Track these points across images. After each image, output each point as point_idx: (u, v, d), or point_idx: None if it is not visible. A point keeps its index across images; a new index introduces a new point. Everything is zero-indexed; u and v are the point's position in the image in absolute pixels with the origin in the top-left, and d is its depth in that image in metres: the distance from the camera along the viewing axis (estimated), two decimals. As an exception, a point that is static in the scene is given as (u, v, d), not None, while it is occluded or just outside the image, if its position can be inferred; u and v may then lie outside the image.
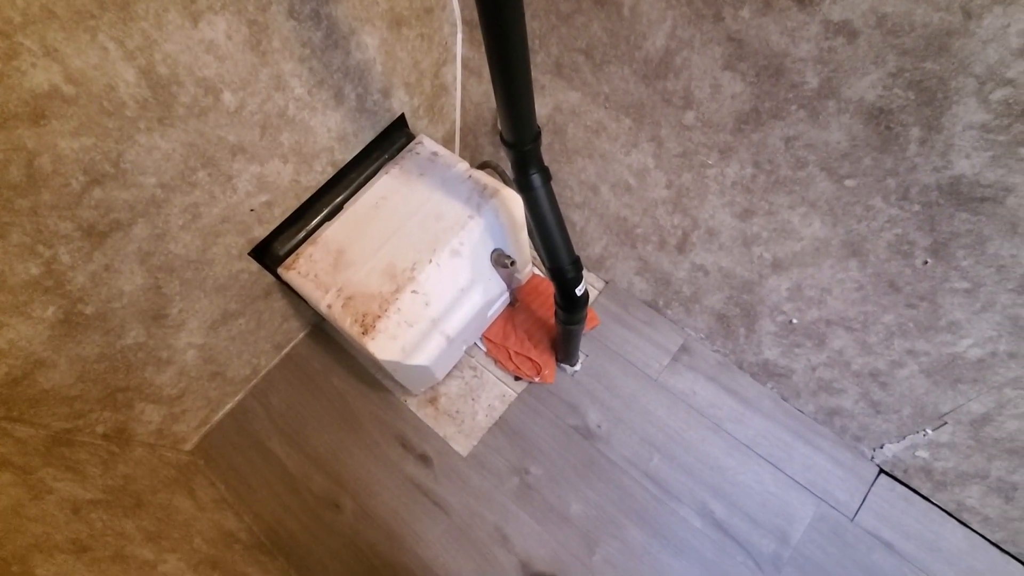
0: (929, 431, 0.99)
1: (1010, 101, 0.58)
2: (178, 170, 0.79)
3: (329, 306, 0.95)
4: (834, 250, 0.86)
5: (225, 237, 0.94)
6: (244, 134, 0.84)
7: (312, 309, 1.09)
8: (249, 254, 1.01)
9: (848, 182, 0.76)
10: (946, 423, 0.95)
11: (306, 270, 0.98)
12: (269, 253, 1.02)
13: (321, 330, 1.35)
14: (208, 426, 1.25)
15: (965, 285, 0.76)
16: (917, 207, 0.72)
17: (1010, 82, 0.57)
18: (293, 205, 1.01)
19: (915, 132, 0.65)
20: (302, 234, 1.03)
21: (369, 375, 1.30)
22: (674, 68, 0.81)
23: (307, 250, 1.00)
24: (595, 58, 0.89)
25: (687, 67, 0.79)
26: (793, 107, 0.73)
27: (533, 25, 0.92)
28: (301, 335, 1.34)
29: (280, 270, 1.00)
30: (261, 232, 0.99)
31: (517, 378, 1.27)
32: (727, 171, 0.89)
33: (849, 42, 0.63)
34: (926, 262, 0.77)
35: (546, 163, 0.78)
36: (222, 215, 0.90)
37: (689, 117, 0.86)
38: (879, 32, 0.60)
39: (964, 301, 0.77)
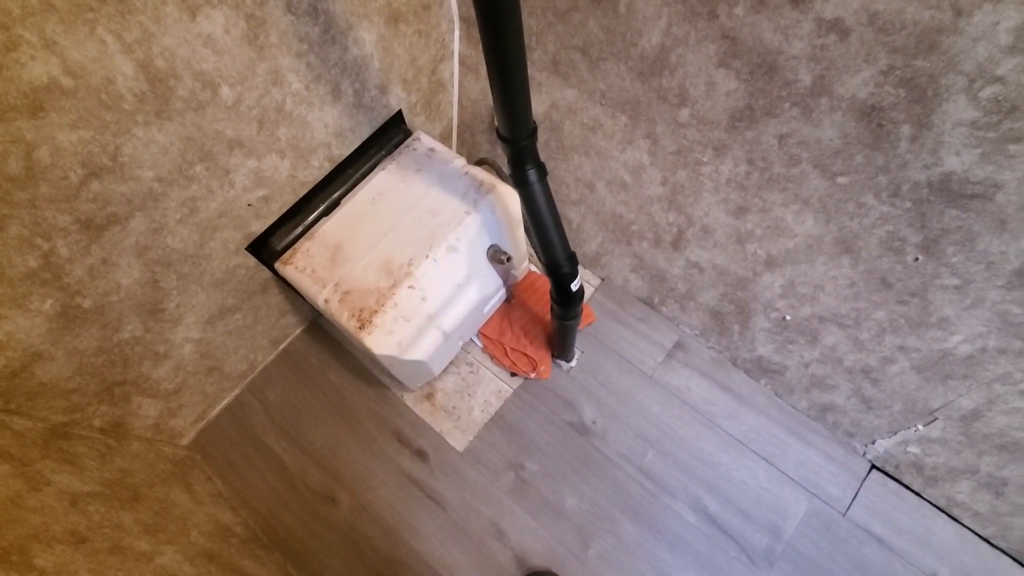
0: (920, 427, 1.00)
1: (999, 98, 0.59)
2: (175, 164, 0.80)
3: (326, 301, 0.95)
4: (827, 247, 0.87)
5: (222, 232, 0.94)
6: (241, 128, 0.84)
7: (309, 304, 1.09)
8: (246, 249, 1.01)
9: (840, 179, 0.77)
10: (936, 419, 0.96)
11: (303, 265, 0.98)
12: (266, 248, 1.03)
13: (318, 326, 1.36)
14: (205, 421, 1.25)
15: (955, 281, 0.77)
16: (908, 204, 0.73)
17: (999, 79, 0.58)
18: (290, 200, 1.01)
19: (906, 129, 0.66)
20: (299, 229, 1.04)
21: (366, 371, 1.30)
22: (669, 65, 0.82)
23: (304, 245, 1.00)
24: (591, 55, 0.90)
25: (682, 64, 0.80)
26: (786, 104, 0.74)
27: (530, 22, 0.92)
28: (298, 331, 1.35)
29: (277, 265, 1.00)
30: (259, 227, 1.00)
31: (513, 374, 1.27)
32: (721, 168, 0.90)
33: (841, 40, 0.64)
34: (917, 259, 0.78)
35: (543, 160, 0.79)
36: (219, 210, 0.90)
37: (684, 114, 0.86)
38: (871, 30, 0.61)
39: (954, 297, 0.78)
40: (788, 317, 1.04)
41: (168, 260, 0.89)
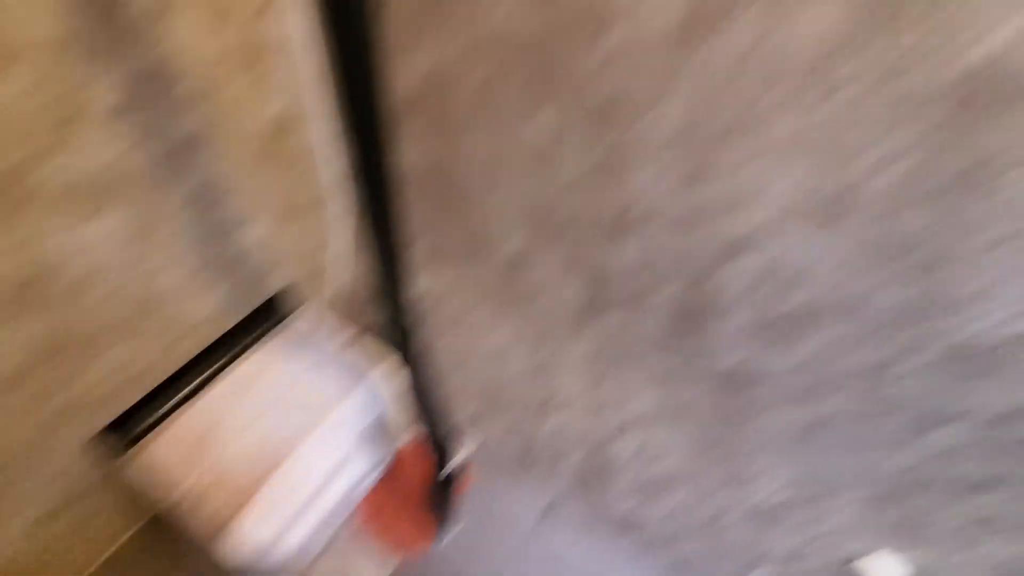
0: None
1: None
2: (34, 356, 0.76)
3: (188, 491, 0.89)
4: (668, 413, 1.03)
5: (71, 421, 0.87)
6: (114, 314, 0.83)
7: (158, 498, 1.00)
8: (97, 435, 0.93)
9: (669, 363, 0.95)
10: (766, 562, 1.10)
11: (164, 452, 0.92)
12: (122, 434, 0.95)
13: (157, 526, 1.20)
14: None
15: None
16: (714, 383, 0.92)
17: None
18: (158, 379, 0.97)
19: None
20: (163, 411, 0.98)
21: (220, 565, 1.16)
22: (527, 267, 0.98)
23: (169, 430, 0.95)
24: (462, 253, 1.05)
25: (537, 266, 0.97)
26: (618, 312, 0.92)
27: (413, 218, 1.06)
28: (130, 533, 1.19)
29: (132, 452, 0.93)
30: (115, 412, 0.93)
31: (394, 548, 1.22)
32: (575, 349, 1.05)
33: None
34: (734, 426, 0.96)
35: (423, 335, 0.88)
36: (70, 400, 0.84)
37: (541, 304, 1.02)
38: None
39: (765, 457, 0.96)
40: (642, 476, 1.16)
41: None
